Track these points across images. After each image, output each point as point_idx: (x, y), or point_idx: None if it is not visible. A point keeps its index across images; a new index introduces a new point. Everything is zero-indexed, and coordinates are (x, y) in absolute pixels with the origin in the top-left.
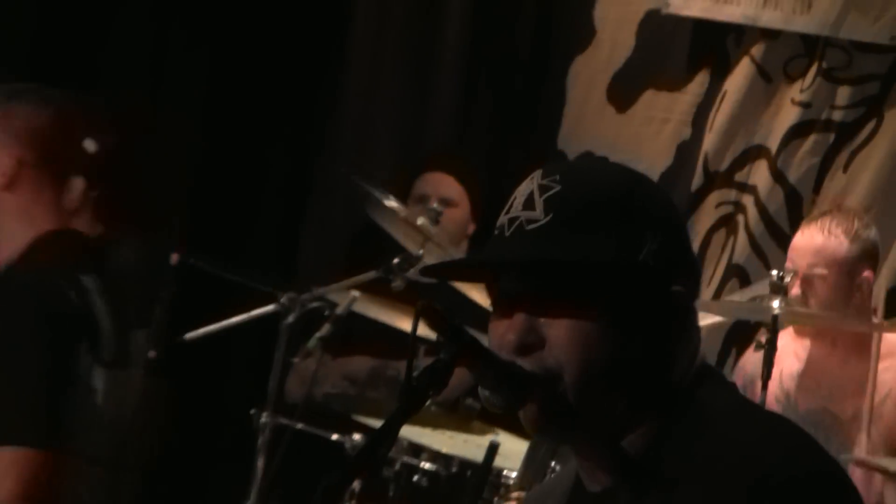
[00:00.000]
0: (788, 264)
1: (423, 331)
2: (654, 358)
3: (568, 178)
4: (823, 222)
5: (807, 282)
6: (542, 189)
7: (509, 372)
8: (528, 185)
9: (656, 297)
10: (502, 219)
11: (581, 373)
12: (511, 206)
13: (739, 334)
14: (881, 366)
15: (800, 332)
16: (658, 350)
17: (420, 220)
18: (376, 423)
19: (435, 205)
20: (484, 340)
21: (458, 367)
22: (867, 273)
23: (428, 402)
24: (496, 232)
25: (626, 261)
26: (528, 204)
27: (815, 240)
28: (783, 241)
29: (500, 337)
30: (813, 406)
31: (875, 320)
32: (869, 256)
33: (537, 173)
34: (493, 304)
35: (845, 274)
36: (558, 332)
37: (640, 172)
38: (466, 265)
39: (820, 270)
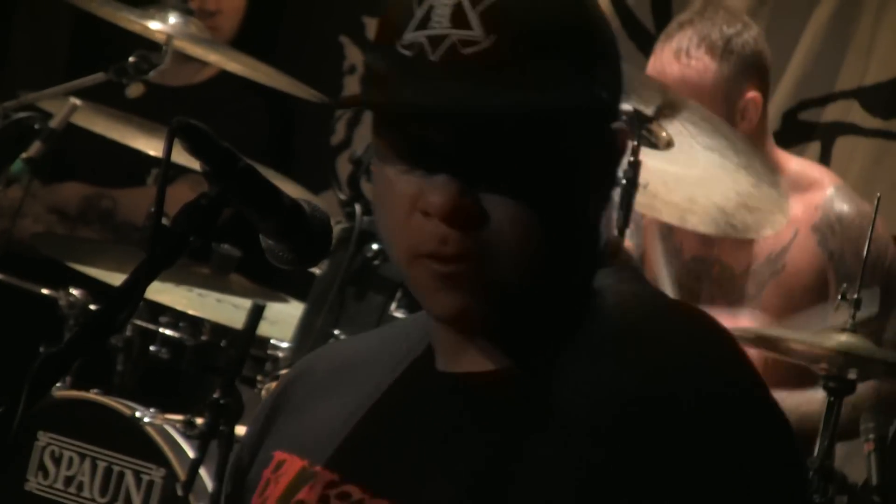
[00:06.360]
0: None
1: (180, 156)
2: (594, 220)
3: None
4: (680, 41)
5: None
6: None
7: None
8: None
9: (604, 143)
10: (413, 36)
11: (528, 256)
12: (424, 18)
13: None
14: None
15: None
16: (599, 210)
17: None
18: (96, 273)
19: None
20: None
21: (229, 207)
22: (752, 94)
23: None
24: (406, 53)
25: (589, 97)
26: (458, 18)
27: (669, 70)
28: (645, 41)
29: (411, 197)
30: (700, 254)
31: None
32: (751, 71)
33: None
34: (396, 151)
35: (720, 103)
36: (508, 209)
37: None
38: (400, 108)
39: None
